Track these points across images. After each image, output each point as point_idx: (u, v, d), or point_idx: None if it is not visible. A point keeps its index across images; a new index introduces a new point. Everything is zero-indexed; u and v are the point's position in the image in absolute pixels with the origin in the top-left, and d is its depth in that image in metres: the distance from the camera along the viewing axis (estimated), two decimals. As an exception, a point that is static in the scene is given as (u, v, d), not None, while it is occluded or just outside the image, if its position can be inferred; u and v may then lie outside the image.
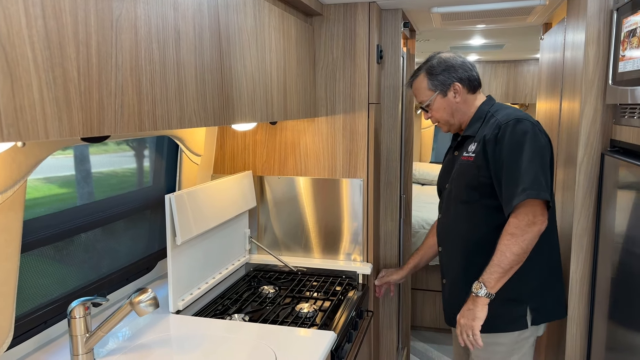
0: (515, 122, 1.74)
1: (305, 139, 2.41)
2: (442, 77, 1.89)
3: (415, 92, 1.98)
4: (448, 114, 1.92)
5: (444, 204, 1.99)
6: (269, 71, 1.76)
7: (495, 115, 1.83)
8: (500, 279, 1.69)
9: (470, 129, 1.90)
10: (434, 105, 1.92)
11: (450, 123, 1.95)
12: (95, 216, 1.80)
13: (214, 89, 1.36)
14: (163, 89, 1.13)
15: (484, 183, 1.78)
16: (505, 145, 1.72)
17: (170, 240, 1.81)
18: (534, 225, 1.67)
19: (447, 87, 1.89)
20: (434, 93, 1.91)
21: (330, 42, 2.31)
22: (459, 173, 1.88)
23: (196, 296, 1.99)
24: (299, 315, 1.98)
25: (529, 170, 1.68)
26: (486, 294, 1.69)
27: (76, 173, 1.79)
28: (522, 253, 1.67)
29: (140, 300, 1.38)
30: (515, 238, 1.67)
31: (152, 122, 1.09)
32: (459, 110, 1.92)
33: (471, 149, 1.84)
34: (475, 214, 1.83)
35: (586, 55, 1.89)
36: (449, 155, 2.04)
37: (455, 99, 1.90)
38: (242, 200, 2.30)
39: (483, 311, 1.70)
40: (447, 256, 1.99)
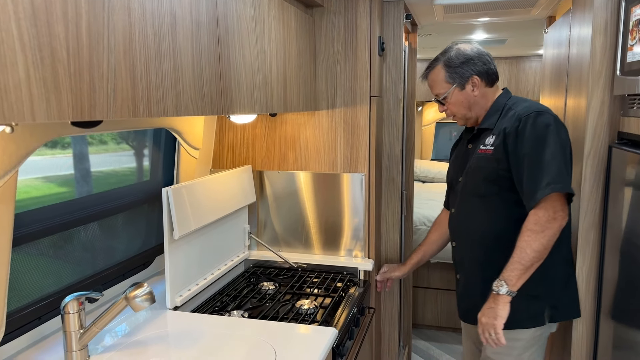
0: (536, 114, 1.70)
1: (306, 132, 2.37)
2: (460, 69, 1.83)
3: (431, 84, 1.91)
4: (465, 107, 1.87)
5: (458, 197, 1.93)
6: (269, 62, 1.71)
7: (514, 107, 1.78)
8: (522, 276, 1.64)
9: (487, 121, 1.85)
10: (451, 99, 1.86)
11: (467, 117, 1.89)
12: (90, 210, 1.76)
13: (211, 78, 1.31)
14: (158, 74, 1.08)
15: (503, 176, 1.74)
16: (527, 138, 1.68)
17: (168, 235, 1.77)
18: (554, 220, 1.63)
19: (466, 80, 1.84)
20: (452, 86, 1.85)
21: (331, 34, 2.27)
22: (475, 166, 1.83)
23: (194, 292, 1.94)
24: (299, 312, 1.94)
25: (552, 163, 1.64)
26: (508, 292, 1.65)
27: (75, 172, 1.78)
28: (542, 249, 1.63)
29: (136, 295, 1.34)
30: (535, 234, 1.63)
31: (147, 109, 1.05)
32: (477, 103, 1.86)
33: (489, 141, 1.79)
34: (492, 207, 1.80)
35: (593, 46, 1.85)
36: (461, 148, 1.99)
37: (473, 93, 1.85)
38: (241, 195, 2.26)
39: (505, 309, 1.66)
40: (462, 251, 1.94)
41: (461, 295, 1.96)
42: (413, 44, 3.19)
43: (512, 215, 1.75)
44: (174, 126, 1.89)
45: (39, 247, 1.58)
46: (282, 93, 1.85)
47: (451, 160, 2.07)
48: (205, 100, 1.28)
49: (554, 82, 2.68)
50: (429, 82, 1.92)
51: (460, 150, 1.99)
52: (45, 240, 1.59)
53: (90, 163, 1.83)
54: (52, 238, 1.62)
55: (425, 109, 5.87)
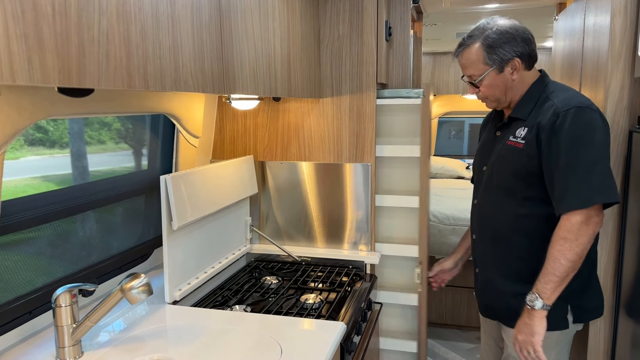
0: (577, 110, 1.51)
1: (310, 121, 2.28)
2: (502, 50, 1.62)
3: (464, 64, 1.70)
4: (500, 91, 1.68)
5: (482, 188, 1.79)
6: (272, 42, 1.63)
7: (552, 98, 1.60)
8: (557, 288, 1.52)
9: (519, 110, 1.67)
10: (486, 82, 1.67)
11: (500, 101, 1.71)
12: (83, 199, 1.67)
13: (212, 52, 1.22)
14: (156, 43, 0.99)
15: (533, 173, 1.60)
16: (566, 136, 1.50)
17: (166, 225, 1.68)
18: (588, 227, 1.48)
19: (506, 62, 1.63)
20: (489, 68, 1.65)
21: (336, 18, 2.18)
22: (502, 158, 1.68)
23: (194, 286, 1.86)
24: (304, 307, 1.85)
25: (595, 169, 1.48)
26: (543, 306, 1.53)
27: (73, 170, 1.75)
28: (577, 259, 1.49)
29: (132, 286, 1.25)
30: (569, 243, 1.49)
31: (143, 80, 0.96)
32: (513, 88, 1.68)
33: (520, 134, 1.63)
34: (518, 204, 1.65)
35: (612, 27, 1.77)
36: (489, 134, 1.83)
37: (512, 76, 1.65)
38: (243, 186, 2.17)
39: (542, 325, 1.54)
40: (482, 245, 1.81)
41: (480, 291, 1.85)
42: (419, 33, 3.10)
43: (539, 213, 1.62)
44: (172, 111, 1.80)
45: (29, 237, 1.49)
46: (286, 76, 1.76)
47: (478, 146, 1.92)
48: (206, 76, 1.19)
49: (565, 75, 2.60)
50: (462, 61, 1.71)
51: (488, 137, 1.82)
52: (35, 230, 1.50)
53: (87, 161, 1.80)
54: (44, 228, 1.53)
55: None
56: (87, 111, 1.46)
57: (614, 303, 1.88)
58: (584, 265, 1.60)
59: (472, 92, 1.74)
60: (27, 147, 1.58)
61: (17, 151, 1.55)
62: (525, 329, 1.57)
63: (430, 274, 2.14)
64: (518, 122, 1.67)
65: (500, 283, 1.72)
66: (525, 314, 1.58)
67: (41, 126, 1.60)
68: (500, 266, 1.72)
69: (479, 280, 1.84)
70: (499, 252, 1.72)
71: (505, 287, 1.70)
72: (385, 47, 2.25)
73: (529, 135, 1.60)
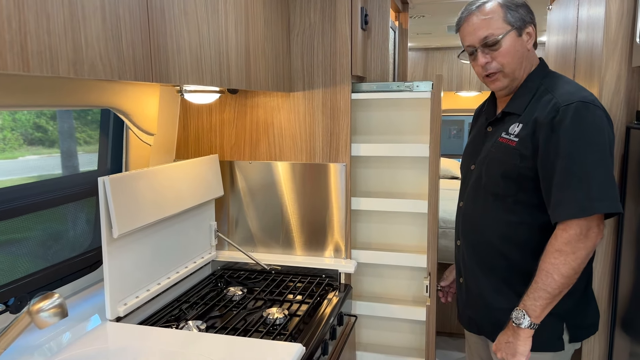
0: (579, 105, 1.33)
1: (280, 117, 2.09)
2: (522, 11, 1.43)
3: (478, 24, 1.44)
4: (518, 61, 1.45)
5: (469, 190, 1.59)
6: (224, 26, 1.44)
7: (551, 91, 1.41)
8: (547, 305, 1.34)
9: (514, 104, 1.48)
10: (506, 44, 1.42)
11: (515, 75, 1.47)
12: (17, 202, 1.49)
13: (134, 32, 1.04)
14: (41, 15, 0.81)
15: (525, 175, 1.41)
16: (565, 134, 1.32)
17: (106, 233, 1.49)
18: (587, 239, 1.30)
19: (525, 25, 1.44)
20: (510, 28, 1.42)
21: (306, 4, 1.99)
22: (492, 157, 1.49)
23: (143, 299, 1.67)
24: (267, 322, 1.67)
25: (596, 173, 1.30)
26: (530, 325, 1.35)
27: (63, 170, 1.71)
28: (573, 275, 1.32)
29: (41, 308, 1.06)
30: (564, 256, 1.31)
31: (22, 61, 0.77)
32: (527, 60, 1.47)
33: (514, 130, 1.44)
34: (509, 210, 1.46)
35: (608, 11, 1.58)
36: (480, 129, 1.63)
37: (527, 44, 1.45)
38: (205, 188, 1.99)
39: (526, 345, 1.36)
40: (467, 252, 1.60)
41: (464, 303, 1.65)
42: (404, 25, 2.92)
43: (532, 222, 1.43)
44: (118, 105, 1.62)
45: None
46: (243, 66, 1.57)
47: (468, 141, 1.71)
48: (124, 60, 1.01)
49: (558, 69, 2.42)
50: (475, 20, 1.44)
51: (479, 132, 1.62)
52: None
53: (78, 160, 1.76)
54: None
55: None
56: (14, 103, 1.28)
57: (609, 318, 1.69)
58: (581, 280, 1.41)
59: (482, 61, 1.46)
60: (26, 147, 1.56)
61: (16, 150, 1.53)
62: (507, 348, 1.39)
63: (444, 283, 1.89)
64: (512, 118, 1.47)
65: (489, 296, 1.52)
66: (509, 331, 1.40)
67: (40, 125, 1.60)
68: (488, 277, 1.53)
69: (463, 291, 1.65)
70: (487, 262, 1.53)
71: (495, 301, 1.51)
72: (362, 36, 2.06)
73: (523, 132, 1.41)
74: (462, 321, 1.69)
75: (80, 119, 1.76)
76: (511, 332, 1.39)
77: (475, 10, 1.45)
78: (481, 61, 1.45)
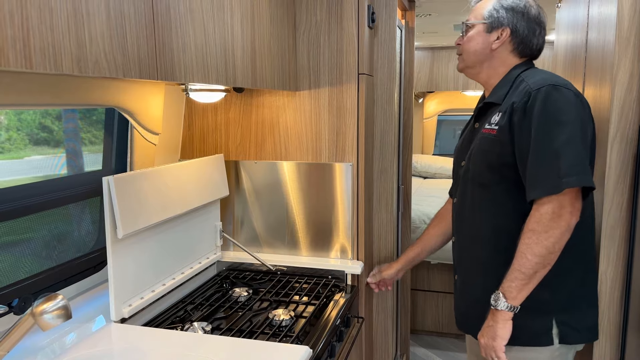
0: (550, 88, 1.37)
1: (285, 116, 2.07)
2: (509, 14, 1.51)
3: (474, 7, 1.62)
4: (477, 54, 1.56)
5: (460, 185, 1.63)
6: (230, 24, 1.42)
7: (527, 80, 1.46)
8: (524, 287, 1.34)
9: (494, 95, 1.54)
10: (471, 32, 1.56)
11: (472, 67, 1.59)
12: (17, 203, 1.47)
13: (139, 29, 1.02)
14: (44, 10, 0.79)
15: (507, 163, 1.43)
16: (537, 116, 1.36)
17: (111, 233, 1.47)
18: (559, 218, 1.31)
19: (499, 26, 1.52)
20: (482, 21, 1.54)
21: (313, 2, 1.97)
22: (478, 149, 1.53)
23: (148, 300, 1.65)
24: (273, 324, 1.65)
25: (568, 149, 1.32)
26: (508, 307, 1.35)
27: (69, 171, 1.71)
28: (546, 254, 1.32)
29: (44, 310, 1.05)
30: (537, 235, 1.32)
31: (25, 58, 0.75)
32: (489, 60, 1.55)
33: (494, 120, 1.48)
34: (496, 200, 1.49)
35: (620, 8, 1.55)
36: (469, 126, 1.69)
37: (492, 44, 1.53)
38: (211, 187, 1.97)
39: (505, 328, 1.36)
40: (460, 248, 1.65)
41: (458, 300, 1.67)
42: (410, 23, 2.89)
43: (519, 210, 1.43)
44: (123, 105, 1.60)
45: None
46: (248, 64, 1.55)
47: (459, 141, 1.76)
48: (129, 57, 0.99)
49: (568, 70, 2.38)
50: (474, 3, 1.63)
51: (468, 130, 1.68)
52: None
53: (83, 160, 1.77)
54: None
55: (427, 101, 5.57)
56: (17, 102, 1.26)
57: (621, 319, 1.66)
58: (576, 273, 1.44)
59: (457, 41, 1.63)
60: (32, 147, 1.57)
61: (22, 150, 1.53)
62: (488, 331, 1.40)
63: (371, 280, 2.06)
64: (494, 108, 1.53)
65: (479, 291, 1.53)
66: (489, 316, 1.41)
67: (46, 126, 1.61)
68: (480, 271, 1.55)
69: (457, 290, 1.67)
70: (478, 255, 1.54)
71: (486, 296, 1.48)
72: (369, 35, 2.04)
73: (502, 120, 1.45)
74: (456, 321, 1.69)
75: (85, 119, 1.76)
76: (491, 316, 1.41)
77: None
78: (456, 41, 1.63)
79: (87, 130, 1.79)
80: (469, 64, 1.59)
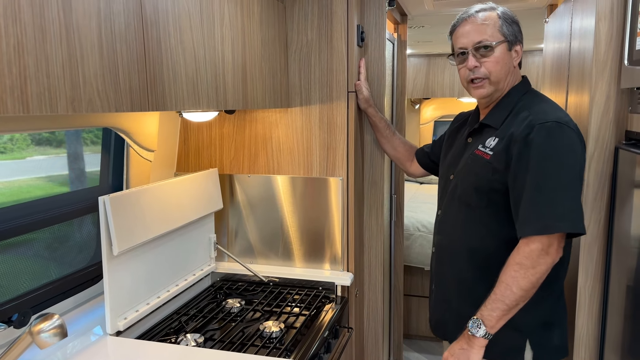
0: (555, 125, 1.37)
1: (278, 132, 2.14)
2: (515, 28, 1.51)
3: (477, 27, 1.49)
4: (505, 72, 1.51)
5: (446, 198, 1.66)
6: (220, 50, 1.48)
7: (528, 108, 1.47)
8: (503, 317, 1.38)
9: (492, 117, 1.54)
10: (497, 52, 1.48)
11: (499, 86, 1.52)
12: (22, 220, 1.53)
13: (131, 65, 1.08)
14: (40, 59, 0.85)
15: (496, 190, 1.47)
16: (537, 152, 1.37)
17: (106, 251, 1.54)
18: (547, 255, 1.35)
19: (515, 42, 1.51)
20: (504, 39, 1.48)
21: (304, 23, 2.03)
22: (469, 170, 1.55)
23: (144, 313, 1.72)
24: (263, 335, 1.71)
25: (565, 195, 1.35)
26: (485, 334, 1.39)
27: (69, 172, 1.74)
28: (531, 288, 1.36)
29: (42, 329, 1.11)
30: (524, 270, 1.35)
31: (22, 104, 0.82)
32: (511, 76, 1.54)
33: (490, 144, 1.50)
34: (481, 220, 1.52)
35: (597, 33, 1.61)
36: (461, 138, 1.69)
37: (514, 61, 1.53)
38: (205, 201, 2.03)
39: (479, 354, 1.40)
40: (439, 261, 1.69)
41: (433, 308, 1.75)
42: (403, 36, 2.95)
43: (502, 233, 1.48)
44: (119, 125, 1.66)
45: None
46: (239, 87, 1.62)
47: (447, 145, 1.78)
48: (121, 93, 1.05)
49: (554, 77, 2.45)
50: (474, 24, 1.49)
51: (460, 142, 1.69)
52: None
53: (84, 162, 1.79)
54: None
55: (423, 107, 5.63)
56: (15, 128, 1.32)
57: (599, 336, 1.72)
58: (548, 296, 1.48)
59: (470, 65, 1.50)
60: (34, 147, 1.58)
61: (24, 150, 1.55)
62: (460, 354, 1.43)
63: None
64: (489, 131, 1.54)
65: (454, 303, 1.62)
66: (463, 339, 1.44)
67: None
68: (457, 286, 1.61)
69: (433, 299, 1.74)
70: (457, 271, 1.61)
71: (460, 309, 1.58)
72: (358, 53, 2.10)
73: (498, 146, 1.47)
74: (431, 325, 1.78)
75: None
76: (466, 340, 1.43)
77: (474, 14, 1.51)
78: (471, 64, 1.50)
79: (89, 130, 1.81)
80: (499, 87, 1.53)
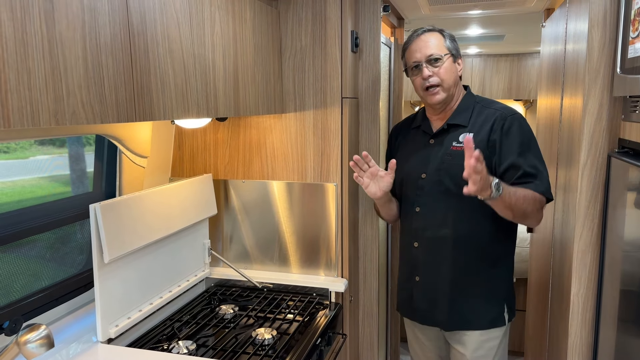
0: (519, 115, 1.74)
1: (272, 138, 2.13)
2: (456, 44, 1.82)
3: (425, 45, 1.77)
4: (453, 81, 1.79)
5: (424, 196, 1.82)
6: (210, 58, 1.48)
7: (489, 106, 1.80)
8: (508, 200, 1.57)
9: (459, 117, 1.80)
10: (445, 63, 1.76)
11: (450, 92, 1.79)
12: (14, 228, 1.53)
13: (117, 76, 1.08)
14: (22, 72, 0.85)
15: None
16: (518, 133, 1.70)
17: (97, 258, 1.54)
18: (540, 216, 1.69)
19: (458, 56, 1.82)
20: (449, 53, 1.78)
21: (297, 28, 2.03)
22: (451, 163, 1.75)
23: (136, 320, 1.71)
24: (255, 343, 1.71)
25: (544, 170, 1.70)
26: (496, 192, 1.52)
27: (71, 173, 1.76)
28: (521, 214, 1.63)
29: (28, 340, 1.12)
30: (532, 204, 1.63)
31: (3, 118, 0.82)
32: (457, 84, 1.83)
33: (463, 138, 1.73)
34: (471, 207, 1.72)
35: (590, 40, 1.61)
36: (417, 142, 1.89)
37: (459, 72, 1.82)
38: (199, 207, 2.03)
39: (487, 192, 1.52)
40: (427, 252, 1.84)
41: (421, 298, 1.87)
42: (400, 40, 2.94)
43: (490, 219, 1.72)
44: (110, 132, 1.66)
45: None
46: (231, 94, 1.61)
47: (404, 152, 1.92)
48: (107, 104, 1.05)
49: (550, 80, 2.44)
50: (423, 39, 1.78)
51: (418, 145, 1.88)
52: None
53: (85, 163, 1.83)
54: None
55: (423, 109, 5.61)
56: (5, 137, 1.33)
57: (592, 344, 1.71)
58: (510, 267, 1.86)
59: (425, 75, 1.75)
60: (37, 146, 1.60)
61: (27, 150, 1.57)
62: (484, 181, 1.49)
63: None
64: (458, 129, 1.78)
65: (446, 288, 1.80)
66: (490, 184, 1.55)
67: None
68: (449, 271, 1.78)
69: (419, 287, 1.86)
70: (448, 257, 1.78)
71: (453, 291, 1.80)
72: (353, 59, 2.09)
73: (476, 138, 1.71)
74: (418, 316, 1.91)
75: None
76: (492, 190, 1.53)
77: (422, 34, 1.80)
78: (425, 73, 1.76)
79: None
80: (451, 92, 1.80)
